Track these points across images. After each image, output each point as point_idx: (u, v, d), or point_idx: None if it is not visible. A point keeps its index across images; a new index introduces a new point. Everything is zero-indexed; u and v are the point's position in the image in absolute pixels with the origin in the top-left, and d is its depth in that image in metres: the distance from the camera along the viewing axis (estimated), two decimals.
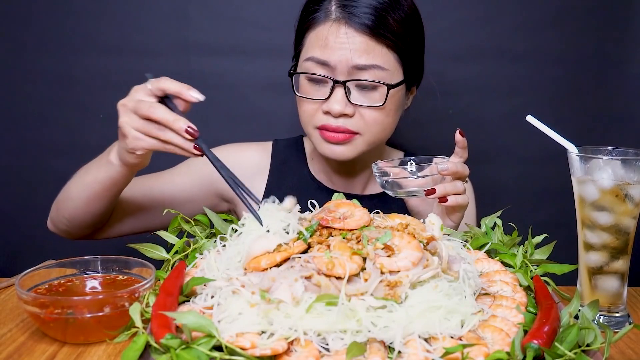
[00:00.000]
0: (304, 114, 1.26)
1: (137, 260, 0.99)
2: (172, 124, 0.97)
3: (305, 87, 1.24)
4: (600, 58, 1.73)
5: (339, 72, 1.19)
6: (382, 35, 1.18)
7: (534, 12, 1.71)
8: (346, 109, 1.19)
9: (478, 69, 1.73)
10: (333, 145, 1.23)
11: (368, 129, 1.23)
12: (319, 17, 1.21)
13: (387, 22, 1.18)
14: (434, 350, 0.72)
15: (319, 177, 1.42)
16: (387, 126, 1.26)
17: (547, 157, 1.56)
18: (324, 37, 1.19)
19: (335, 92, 1.19)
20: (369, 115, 1.21)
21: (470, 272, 0.87)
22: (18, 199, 1.79)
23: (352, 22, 1.17)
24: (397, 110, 1.27)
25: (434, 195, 1.06)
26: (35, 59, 1.72)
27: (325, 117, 1.22)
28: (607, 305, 0.98)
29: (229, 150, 1.42)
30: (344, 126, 1.21)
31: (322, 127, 1.22)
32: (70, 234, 1.27)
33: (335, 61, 1.18)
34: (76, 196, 1.17)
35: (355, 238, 0.86)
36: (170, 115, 0.97)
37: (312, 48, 1.21)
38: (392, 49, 1.20)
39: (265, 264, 0.83)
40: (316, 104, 1.22)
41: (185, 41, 1.71)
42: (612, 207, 0.95)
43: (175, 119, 0.97)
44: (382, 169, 1.11)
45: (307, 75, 1.22)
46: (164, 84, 1.00)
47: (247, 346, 0.71)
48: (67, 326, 0.85)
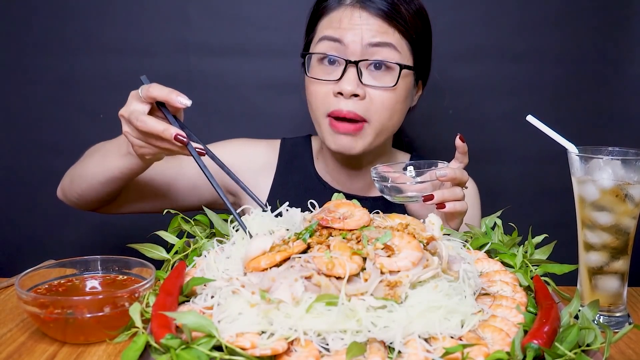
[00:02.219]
0: (315, 98, 1.25)
1: (137, 260, 0.99)
2: (162, 135, 0.99)
3: (317, 69, 1.24)
4: (600, 58, 1.73)
5: (352, 52, 1.20)
6: (396, 20, 1.20)
7: (534, 12, 1.71)
8: (357, 89, 1.20)
9: (478, 69, 1.73)
10: (342, 136, 1.23)
11: (377, 115, 1.22)
12: (332, 5, 1.24)
13: (400, 10, 1.21)
14: (434, 350, 0.72)
15: (324, 177, 1.42)
16: (395, 113, 1.25)
17: (547, 157, 1.56)
18: (338, 19, 1.22)
19: (348, 72, 1.20)
20: (380, 98, 1.22)
21: (470, 272, 0.87)
22: (18, 199, 1.79)
23: (367, 6, 1.20)
24: (406, 99, 1.27)
25: (432, 201, 1.06)
26: (35, 59, 1.72)
27: (336, 101, 1.22)
28: (607, 305, 0.98)
29: (239, 144, 1.44)
30: (354, 111, 1.21)
31: (332, 113, 1.22)
32: (78, 206, 1.31)
33: (349, 40, 1.20)
34: (92, 177, 1.20)
35: (355, 238, 0.86)
36: (159, 126, 0.99)
37: (325, 29, 1.23)
38: (404, 35, 1.22)
39: (265, 264, 0.83)
40: (327, 86, 1.23)
41: (185, 41, 1.71)
42: (612, 207, 0.95)
43: (164, 129, 0.99)
44: (381, 173, 1.11)
45: (319, 55, 1.23)
46: (152, 92, 1.01)
47: (247, 346, 0.71)
48: (67, 326, 0.85)
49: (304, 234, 0.88)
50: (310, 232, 0.88)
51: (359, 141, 1.24)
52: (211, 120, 1.74)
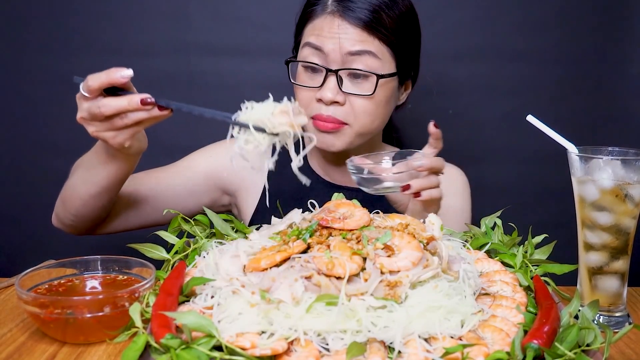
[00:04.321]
0: (300, 102, 1.29)
1: (137, 260, 0.99)
2: (127, 107, 0.97)
3: (301, 75, 1.29)
4: (600, 58, 1.73)
5: (332, 61, 1.23)
6: (375, 29, 1.22)
7: (534, 12, 1.71)
8: (337, 96, 1.24)
9: (478, 69, 1.73)
10: (324, 134, 1.27)
11: (357, 120, 1.26)
12: (317, 10, 1.27)
13: (381, 17, 1.22)
14: (434, 350, 0.72)
15: (317, 171, 1.44)
16: (377, 117, 1.29)
17: (547, 157, 1.56)
18: (320, 27, 1.25)
19: (328, 81, 1.24)
20: (359, 104, 1.25)
21: (470, 272, 0.87)
22: (18, 199, 1.79)
23: (346, 15, 1.22)
24: (388, 102, 1.30)
25: (409, 190, 1.07)
26: (36, 59, 1.72)
27: (318, 106, 1.26)
28: (607, 305, 0.98)
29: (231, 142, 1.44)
30: (334, 116, 1.25)
31: (314, 116, 1.27)
32: (76, 229, 1.29)
33: (329, 49, 1.23)
34: (84, 192, 1.18)
35: (355, 238, 0.86)
36: (120, 101, 0.97)
37: (308, 36, 1.27)
38: (384, 42, 1.24)
39: (265, 264, 0.83)
40: (310, 92, 1.27)
41: (185, 41, 1.71)
42: (612, 207, 0.95)
43: (127, 100, 0.97)
44: (357, 165, 1.11)
45: (302, 63, 1.27)
46: (92, 83, 0.99)
47: (247, 346, 0.71)
48: (67, 326, 0.85)
49: (304, 234, 0.89)
50: (310, 232, 0.88)
51: (339, 139, 1.28)
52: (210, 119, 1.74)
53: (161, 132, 1.74)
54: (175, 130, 1.74)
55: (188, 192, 1.36)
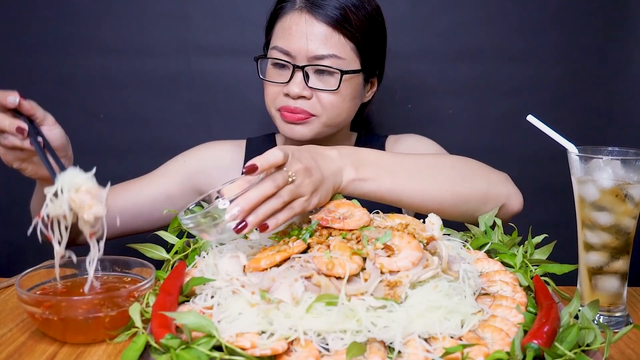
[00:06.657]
0: (267, 96, 1.37)
1: (137, 260, 0.99)
2: (7, 128, 1.01)
3: (270, 71, 1.35)
4: (600, 58, 1.73)
5: (299, 60, 1.29)
6: (341, 25, 1.27)
7: (534, 12, 1.71)
8: (304, 91, 1.29)
9: (478, 69, 1.73)
10: (292, 125, 1.32)
11: (325, 112, 1.31)
12: (286, 7, 1.33)
13: (348, 16, 1.28)
14: (434, 350, 0.73)
15: None
16: (343, 111, 1.34)
17: (547, 157, 1.56)
18: (288, 26, 1.30)
19: (295, 76, 1.29)
20: (326, 98, 1.31)
21: (470, 272, 0.87)
22: (18, 199, 1.79)
23: (313, 11, 1.28)
24: (354, 98, 1.35)
25: (247, 229, 0.85)
26: (35, 59, 1.72)
27: (286, 99, 1.32)
28: (607, 305, 0.98)
29: (205, 147, 1.49)
30: (302, 107, 1.30)
31: (281, 109, 1.32)
32: None
33: (296, 51, 1.28)
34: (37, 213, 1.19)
35: (355, 238, 0.86)
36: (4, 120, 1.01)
37: (277, 38, 1.33)
38: (349, 39, 1.29)
39: (265, 264, 0.83)
40: (278, 87, 1.33)
41: (185, 41, 1.71)
42: (612, 207, 0.95)
43: (8, 122, 1.01)
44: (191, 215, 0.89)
45: (271, 60, 1.34)
46: None
47: (247, 346, 0.71)
48: (67, 326, 0.85)
49: (304, 234, 0.89)
50: (310, 232, 0.88)
51: (308, 129, 1.33)
52: (211, 120, 1.74)
53: (161, 132, 1.75)
54: (175, 130, 1.75)
55: (165, 198, 1.40)
